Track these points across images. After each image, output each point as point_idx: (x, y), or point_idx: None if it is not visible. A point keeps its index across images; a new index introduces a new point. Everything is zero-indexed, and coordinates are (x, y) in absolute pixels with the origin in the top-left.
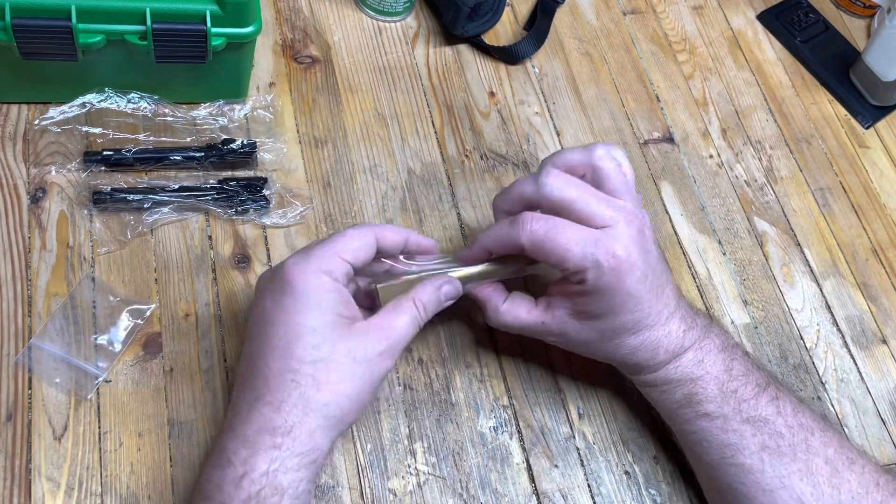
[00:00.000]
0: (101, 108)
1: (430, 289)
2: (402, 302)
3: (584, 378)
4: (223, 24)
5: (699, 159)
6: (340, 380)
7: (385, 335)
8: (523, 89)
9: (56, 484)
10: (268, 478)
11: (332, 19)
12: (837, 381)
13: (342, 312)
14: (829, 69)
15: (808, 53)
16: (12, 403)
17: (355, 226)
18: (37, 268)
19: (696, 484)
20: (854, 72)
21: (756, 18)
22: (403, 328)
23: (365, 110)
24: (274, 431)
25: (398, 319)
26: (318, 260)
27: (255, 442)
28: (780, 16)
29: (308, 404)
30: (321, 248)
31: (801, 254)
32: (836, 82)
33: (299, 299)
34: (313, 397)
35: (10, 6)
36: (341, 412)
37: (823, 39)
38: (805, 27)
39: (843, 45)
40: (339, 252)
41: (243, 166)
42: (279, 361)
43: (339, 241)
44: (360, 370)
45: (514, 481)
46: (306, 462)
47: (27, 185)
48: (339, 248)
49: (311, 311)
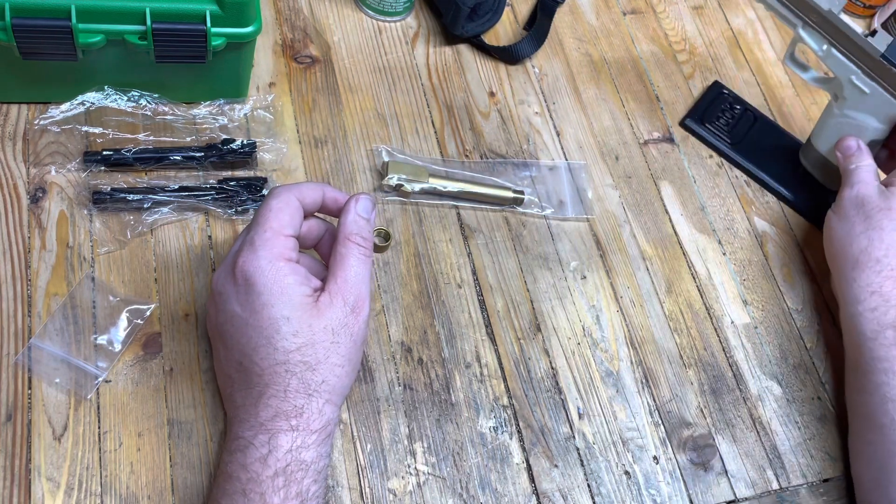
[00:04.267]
0: (101, 108)
1: (349, 218)
2: (338, 249)
3: (584, 378)
4: (223, 23)
5: (699, 159)
6: (327, 354)
7: (347, 293)
8: (523, 89)
9: (56, 484)
10: (292, 454)
11: (332, 19)
12: (837, 381)
13: (305, 292)
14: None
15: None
16: (12, 403)
17: (272, 195)
18: (37, 268)
19: (695, 484)
20: (804, 155)
21: (680, 125)
22: (356, 272)
23: (365, 110)
24: (287, 415)
25: (348, 269)
26: (266, 248)
27: (273, 427)
28: (704, 117)
29: (309, 386)
30: (260, 233)
31: (801, 254)
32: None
33: (263, 293)
34: (311, 379)
35: (10, 6)
36: (340, 382)
37: (755, 135)
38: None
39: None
40: (279, 230)
41: (243, 166)
42: (266, 359)
43: (271, 219)
44: (341, 338)
45: (513, 481)
46: (323, 437)
47: (27, 184)
48: (276, 226)
49: (279, 302)
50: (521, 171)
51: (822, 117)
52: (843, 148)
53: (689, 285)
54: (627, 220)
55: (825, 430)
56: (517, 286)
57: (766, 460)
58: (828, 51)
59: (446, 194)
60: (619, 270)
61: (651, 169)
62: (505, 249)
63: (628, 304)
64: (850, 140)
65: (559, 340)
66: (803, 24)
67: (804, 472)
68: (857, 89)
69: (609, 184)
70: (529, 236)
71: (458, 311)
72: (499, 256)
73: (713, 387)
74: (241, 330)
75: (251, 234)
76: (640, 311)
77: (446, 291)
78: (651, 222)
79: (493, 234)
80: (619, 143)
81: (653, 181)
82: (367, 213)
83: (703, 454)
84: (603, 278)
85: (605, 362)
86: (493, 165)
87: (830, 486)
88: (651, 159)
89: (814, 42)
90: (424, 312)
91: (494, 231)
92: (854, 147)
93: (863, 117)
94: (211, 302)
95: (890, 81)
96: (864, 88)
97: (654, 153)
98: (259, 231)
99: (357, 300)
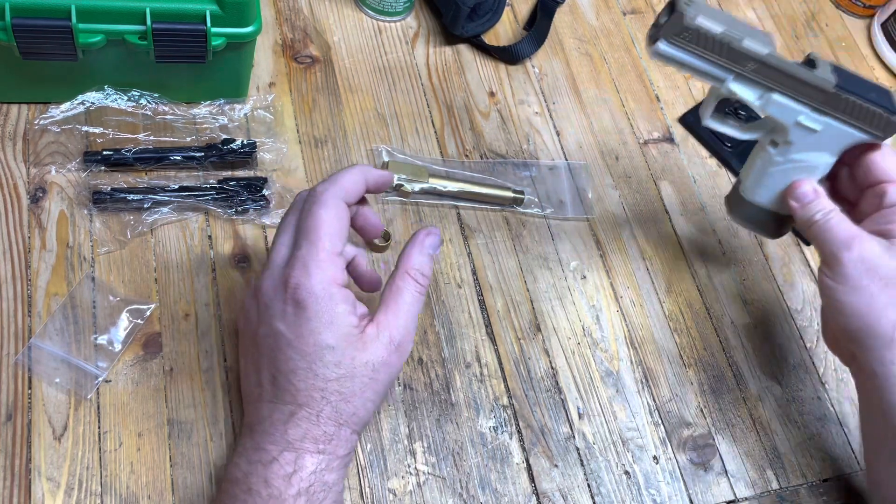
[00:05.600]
0: (101, 108)
1: (415, 252)
2: (396, 282)
3: (584, 378)
4: (223, 23)
5: (699, 159)
6: (364, 388)
7: (395, 330)
8: (523, 89)
9: (56, 484)
10: (316, 476)
11: (332, 19)
12: (837, 381)
13: (353, 322)
14: None
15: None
16: (12, 403)
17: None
18: (37, 268)
19: (695, 484)
20: (734, 209)
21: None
22: (408, 310)
23: (365, 110)
24: (316, 440)
25: (401, 304)
26: (321, 271)
27: (301, 447)
28: None
29: (340, 416)
30: (314, 254)
31: (801, 254)
32: None
33: (313, 320)
34: (344, 409)
35: (10, 6)
36: (368, 415)
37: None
38: None
39: None
40: (332, 250)
41: (243, 166)
42: (304, 381)
43: (324, 238)
44: (379, 375)
45: (513, 481)
46: (346, 462)
47: (27, 184)
48: (329, 246)
49: (328, 331)
50: (521, 171)
51: (755, 167)
52: (799, 196)
53: (689, 285)
54: (627, 220)
55: (825, 430)
56: (517, 286)
57: (766, 460)
58: (767, 98)
59: (446, 194)
60: (619, 270)
61: (651, 169)
62: (505, 249)
63: (628, 303)
64: (804, 185)
65: (559, 340)
66: (735, 76)
67: (804, 472)
68: (805, 129)
69: (609, 184)
70: (529, 236)
71: (458, 311)
72: (499, 256)
73: (713, 387)
74: (282, 349)
75: (303, 250)
76: (640, 310)
77: (446, 291)
78: (651, 222)
79: (492, 233)
80: (619, 143)
81: (653, 181)
82: (434, 250)
83: (703, 454)
84: (603, 278)
85: (605, 362)
86: (493, 165)
87: (830, 486)
88: (651, 159)
89: (749, 93)
90: (424, 312)
91: (494, 231)
92: (811, 193)
93: (814, 156)
94: (252, 307)
95: (844, 111)
96: (814, 127)
97: (654, 153)
98: (312, 252)
99: (403, 339)
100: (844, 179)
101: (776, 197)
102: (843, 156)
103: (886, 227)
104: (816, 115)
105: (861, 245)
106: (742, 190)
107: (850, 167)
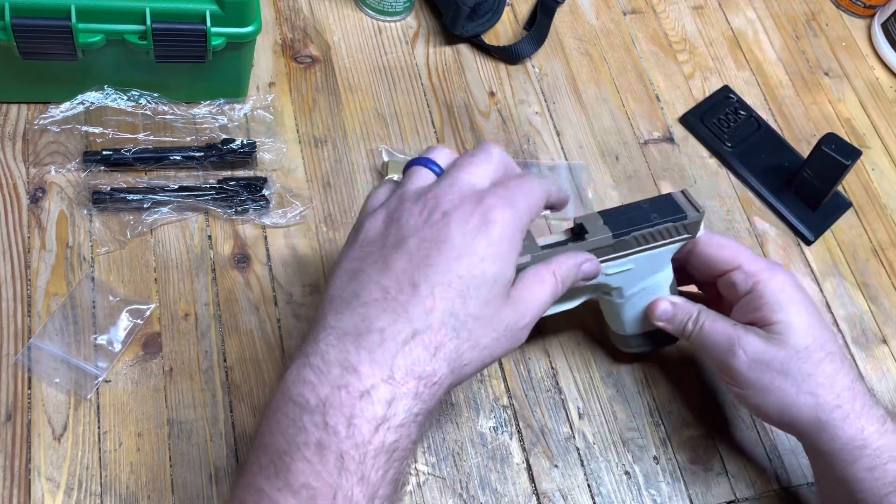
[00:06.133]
0: (101, 108)
1: (570, 263)
2: (541, 272)
3: (585, 378)
4: (223, 23)
5: (699, 159)
6: (487, 345)
7: (531, 308)
8: (523, 89)
9: (56, 484)
10: (403, 429)
11: (332, 19)
12: None
13: (513, 276)
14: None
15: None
16: (12, 403)
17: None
18: (36, 268)
19: (695, 484)
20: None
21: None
22: (544, 301)
23: (365, 110)
24: (420, 379)
25: (541, 291)
26: (521, 216)
27: (404, 383)
28: (705, 117)
29: (456, 362)
30: (525, 199)
31: (802, 254)
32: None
33: (491, 245)
34: (463, 356)
35: (9, 6)
36: (466, 378)
37: (756, 141)
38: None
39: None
40: (533, 212)
41: (243, 166)
42: (449, 301)
43: (533, 198)
44: (504, 341)
45: (514, 481)
46: (430, 418)
47: (27, 184)
48: (533, 207)
49: (499, 264)
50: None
51: (609, 314)
52: (660, 315)
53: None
54: None
55: None
56: None
57: (766, 460)
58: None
59: None
60: None
61: (651, 169)
62: None
63: None
64: (660, 305)
65: (559, 340)
66: None
67: (804, 472)
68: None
69: (609, 184)
70: None
71: None
72: None
73: (713, 387)
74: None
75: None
76: None
77: None
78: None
79: None
80: (619, 143)
81: (653, 181)
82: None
83: (703, 454)
84: None
85: (605, 362)
86: None
87: None
88: (651, 159)
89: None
90: None
91: None
92: (669, 308)
93: (648, 280)
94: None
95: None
96: (625, 268)
97: (654, 153)
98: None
99: (531, 322)
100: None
101: (645, 321)
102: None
103: (754, 315)
104: (617, 262)
105: (743, 347)
106: (615, 330)
107: (688, 264)
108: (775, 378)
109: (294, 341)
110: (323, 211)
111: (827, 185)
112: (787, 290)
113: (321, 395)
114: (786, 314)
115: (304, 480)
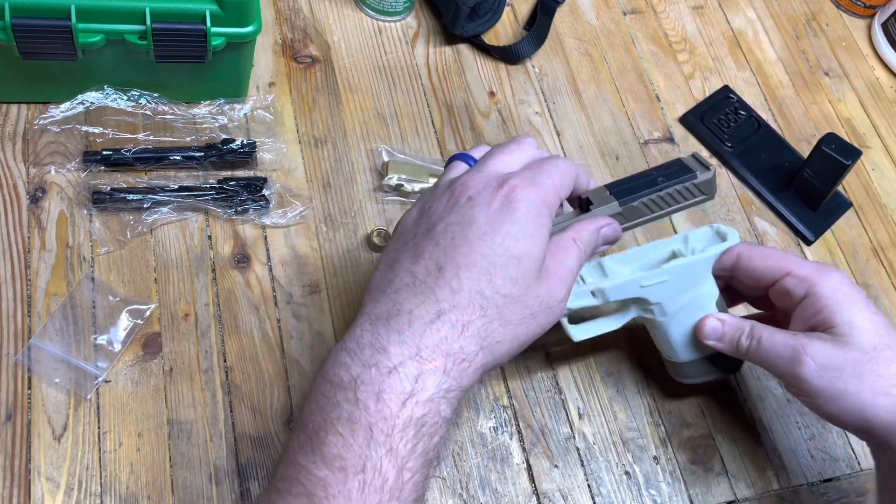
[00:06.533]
0: (101, 108)
1: (590, 228)
2: (562, 241)
3: (585, 378)
4: (223, 23)
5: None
6: (521, 321)
7: (562, 279)
8: (523, 89)
9: (55, 484)
10: (433, 405)
11: (332, 19)
12: None
13: (544, 251)
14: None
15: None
16: (12, 403)
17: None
18: (36, 268)
19: (695, 484)
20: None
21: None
22: (572, 268)
23: (365, 110)
24: (448, 356)
25: (567, 259)
26: (546, 192)
27: (430, 359)
28: (705, 117)
29: (485, 339)
30: (549, 176)
31: (802, 254)
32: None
33: (515, 223)
34: (493, 333)
35: (9, 6)
36: (505, 353)
37: (756, 141)
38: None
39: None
40: (560, 189)
41: (243, 166)
42: (475, 281)
43: (557, 175)
44: (541, 316)
45: (514, 481)
46: (462, 397)
47: (27, 184)
48: (559, 184)
49: (522, 240)
50: None
51: (657, 337)
52: (709, 334)
53: None
54: None
55: (825, 430)
56: None
57: (766, 460)
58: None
59: None
60: None
61: None
62: None
63: None
64: (707, 323)
65: (559, 340)
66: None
67: (804, 472)
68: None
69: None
70: None
71: None
72: None
73: (713, 387)
74: (469, 239)
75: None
76: None
77: None
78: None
79: None
80: (619, 143)
81: None
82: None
83: (703, 454)
84: None
85: (605, 362)
86: None
87: (830, 487)
88: (651, 159)
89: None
90: None
91: None
92: (718, 326)
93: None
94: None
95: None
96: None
97: (654, 153)
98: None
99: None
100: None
101: (697, 344)
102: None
103: (815, 319)
104: (652, 272)
105: (810, 354)
106: (669, 359)
107: (735, 280)
108: (849, 382)
109: (294, 341)
110: (323, 211)
111: (827, 185)
112: (844, 289)
113: (353, 373)
114: (848, 313)
115: (336, 452)
